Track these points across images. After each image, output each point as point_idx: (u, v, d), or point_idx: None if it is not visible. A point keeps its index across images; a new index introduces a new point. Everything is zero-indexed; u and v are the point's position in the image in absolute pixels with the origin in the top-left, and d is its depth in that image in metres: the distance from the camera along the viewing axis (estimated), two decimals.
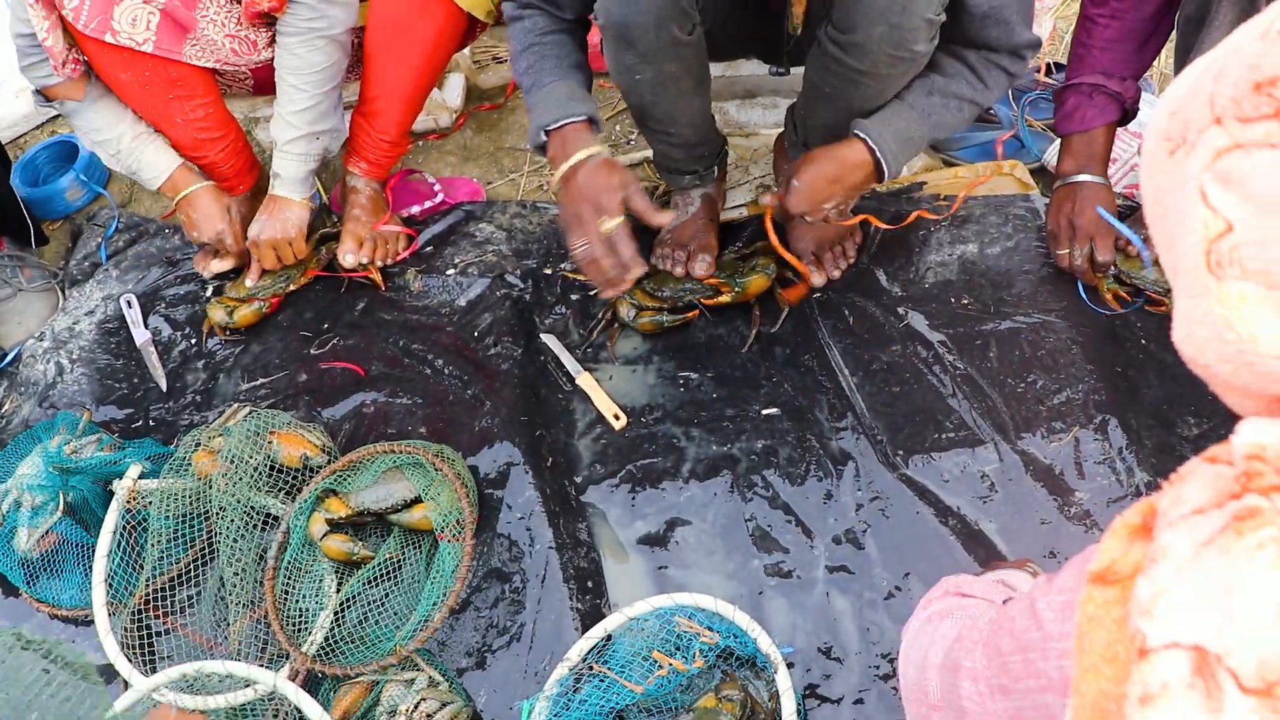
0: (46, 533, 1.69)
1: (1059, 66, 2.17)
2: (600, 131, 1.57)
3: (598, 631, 1.47)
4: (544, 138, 1.55)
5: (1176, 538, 0.52)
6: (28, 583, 1.71)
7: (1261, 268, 0.53)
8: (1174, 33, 1.62)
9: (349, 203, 2.05)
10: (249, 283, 2.04)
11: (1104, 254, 1.72)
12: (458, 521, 1.57)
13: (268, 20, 1.81)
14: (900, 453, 1.65)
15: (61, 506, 1.69)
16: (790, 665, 1.46)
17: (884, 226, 1.88)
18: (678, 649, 1.43)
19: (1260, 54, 0.53)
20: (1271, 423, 0.54)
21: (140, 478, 1.70)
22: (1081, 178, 1.75)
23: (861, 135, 1.58)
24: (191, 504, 1.67)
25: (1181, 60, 1.65)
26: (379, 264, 2.05)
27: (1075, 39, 1.74)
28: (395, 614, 1.58)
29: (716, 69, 2.10)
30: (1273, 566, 0.47)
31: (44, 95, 1.85)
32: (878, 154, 1.58)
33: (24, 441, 1.85)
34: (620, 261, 1.51)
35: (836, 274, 1.88)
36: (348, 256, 2.02)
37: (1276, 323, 0.53)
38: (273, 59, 1.86)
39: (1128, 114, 1.74)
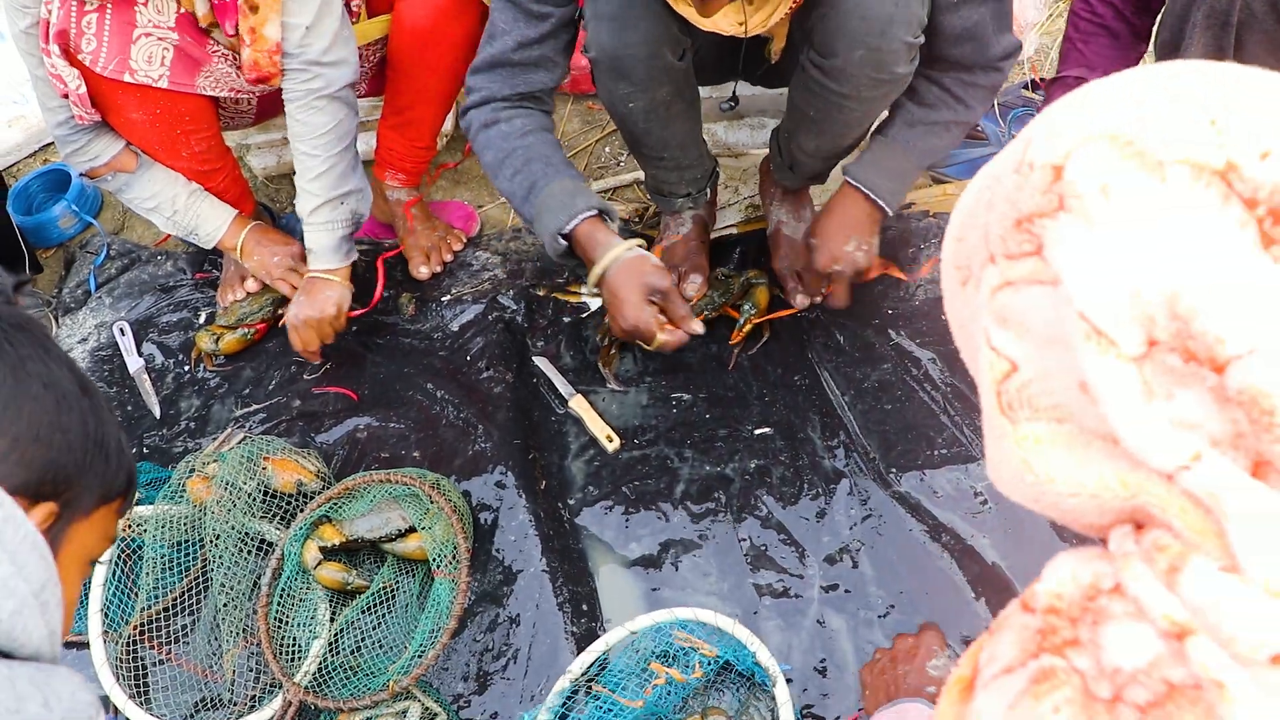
0: None
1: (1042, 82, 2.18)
2: (615, 222, 1.60)
3: (599, 645, 1.46)
4: (563, 242, 1.57)
5: (988, 701, 0.51)
6: None
7: (1050, 403, 0.52)
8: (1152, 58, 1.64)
9: (398, 218, 2.08)
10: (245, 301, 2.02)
11: None
12: (453, 556, 1.56)
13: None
14: (893, 470, 1.65)
15: None
16: (788, 681, 1.46)
17: (902, 277, 1.90)
18: (676, 661, 1.43)
19: (1017, 188, 0.52)
20: (1077, 559, 0.53)
21: (135, 503, 1.70)
22: None
23: (854, 183, 1.65)
24: (186, 531, 1.67)
25: None
26: (445, 261, 2.09)
27: (1064, 37, 1.81)
28: (389, 644, 1.58)
29: (703, 91, 2.11)
30: None
31: (89, 175, 1.84)
32: (872, 197, 1.65)
33: None
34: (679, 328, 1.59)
35: (819, 297, 1.86)
36: (420, 269, 2.06)
37: (1069, 460, 0.52)
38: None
39: None
